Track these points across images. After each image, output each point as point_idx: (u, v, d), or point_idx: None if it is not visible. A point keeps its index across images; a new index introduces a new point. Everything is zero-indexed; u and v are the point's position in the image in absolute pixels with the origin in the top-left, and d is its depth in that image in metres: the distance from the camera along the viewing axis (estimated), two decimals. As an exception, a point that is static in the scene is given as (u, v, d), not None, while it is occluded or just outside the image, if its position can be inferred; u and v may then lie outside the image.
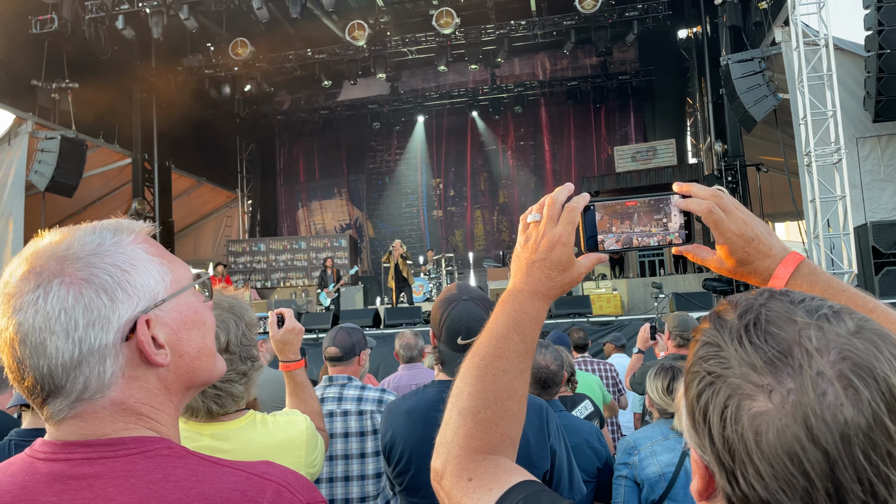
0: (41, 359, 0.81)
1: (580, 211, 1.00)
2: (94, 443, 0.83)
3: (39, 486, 0.81)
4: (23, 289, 0.82)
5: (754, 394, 0.60)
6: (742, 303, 0.68)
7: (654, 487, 2.50)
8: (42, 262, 0.83)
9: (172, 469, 0.82)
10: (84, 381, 0.82)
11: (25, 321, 0.81)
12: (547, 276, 0.99)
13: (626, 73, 18.86)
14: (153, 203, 16.69)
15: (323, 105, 20.55)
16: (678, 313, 4.11)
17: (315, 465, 1.89)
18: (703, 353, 0.66)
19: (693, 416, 0.66)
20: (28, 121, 13.26)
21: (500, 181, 20.43)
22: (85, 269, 0.83)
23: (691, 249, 1.03)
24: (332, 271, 14.36)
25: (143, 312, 0.85)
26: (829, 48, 9.94)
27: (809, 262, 0.97)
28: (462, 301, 1.99)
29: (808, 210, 10.23)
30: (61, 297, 0.81)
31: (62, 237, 0.86)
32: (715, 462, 0.63)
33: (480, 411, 0.93)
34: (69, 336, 0.81)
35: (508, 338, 0.97)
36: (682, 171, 17.21)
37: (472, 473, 0.89)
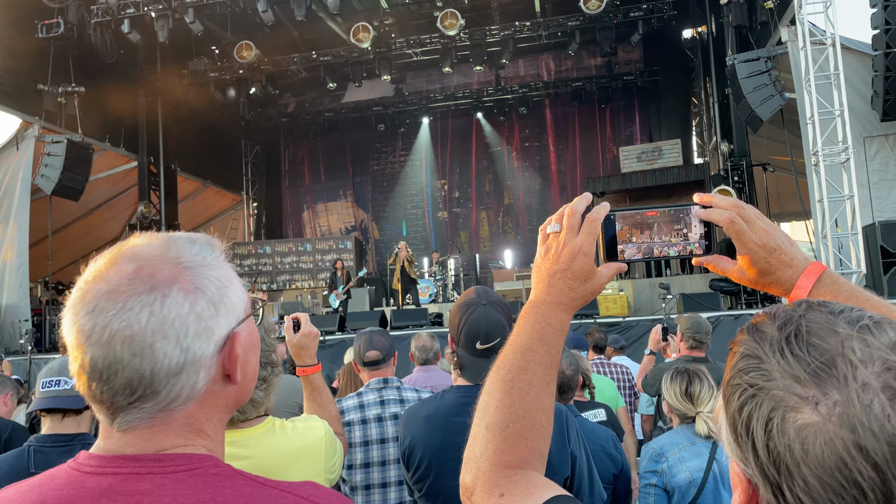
0: (146, 361, 0.80)
1: (601, 221, 1.00)
2: (143, 457, 0.82)
3: (86, 500, 0.79)
4: (134, 288, 0.81)
5: (799, 406, 0.60)
6: (781, 314, 0.67)
7: (684, 495, 2.48)
8: (154, 266, 0.83)
9: (220, 489, 0.81)
10: (179, 390, 0.82)
11: (137, 321, 0.80)
12: (569, 287, 0.99)
13: (631, 73, 18.83)
14: (159, 206, 16.73)
15: (328, 107, 20.58)
16: (691, 315, 4.09)
17: (334, 472, 1.88)
18: (743, 366, 0.66)
19: (735, 429, 0.65)
20: (34, 125, 13.31)
21: (505, 182, 20.41)
22: (199, 279, 0.84)
23: (712, 260, 1.03)
24: (342, 273, 14.36)
25: (234, 329, 0.87)
26: (836, 47, 9.91)
27: (832, 272, 0.97)
28: (481, 305, 1.98)
29: (816, 210, 10.19)
30: (178, 302, 0.82)
31: (162, 243, 0.87)
32: (759, 475, 0.62)
33: (509, 425, 0.93)
34: (179, 342, 0.81)
35: (533, 350, 0.97)
36: (687, 172, 17.17)
37: (503, 489, 0.89)
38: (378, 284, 17.78)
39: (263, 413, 1.80)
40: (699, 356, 3.94)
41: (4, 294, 12.75)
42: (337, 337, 10.96)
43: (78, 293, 0.84)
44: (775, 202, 14.89)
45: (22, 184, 12.95)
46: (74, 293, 0.84)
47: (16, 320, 12.36)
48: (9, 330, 12.47)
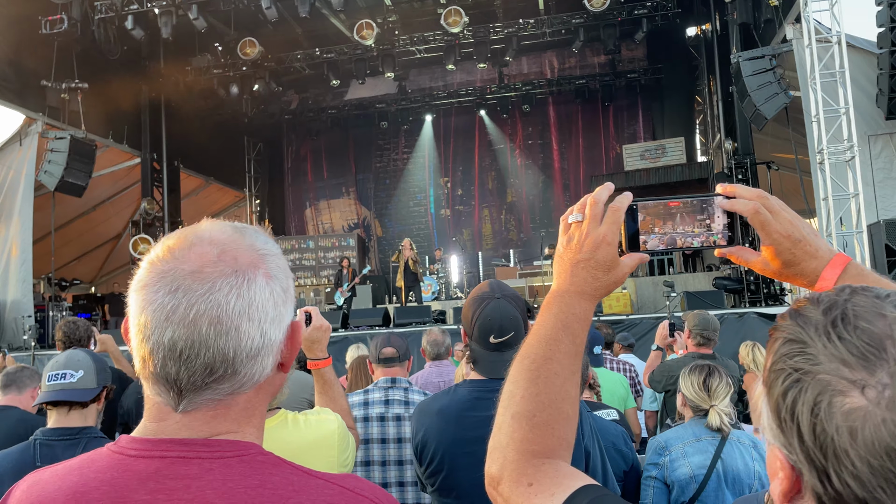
0: (230, 342, 0.81)
1: (624, 210, 1.00)
2: (191, 441, 0.82)
3: (131, 483, 0.79)
4: (220, 270, 0.83)
5: (847, 389, 0.59)
6: (825, 299, 0.66)
7: (684, 490, 2.48)
8: (237, 250, 0.85)
9: (269, 476, 0.81)
10: (253, 373, 0.84)
11: (226, 302, 0.81)
12: (593, 277, 0.98)
13: (634, 71, 18.80)
14: (162, 203, 16.73)
15: (331, 104, 20.56)
16: (698, 312, 4.08)
17: (347, 465, 1.88)
18: (786, 350, 0.65)
19: (779, 414, 0.64)
20: (38, 121, 13.31)
21: (508, 180, 20.39)
22: (274, 267, 0.88)
23: (735, 251, 1.02)
24: (348, 271, 14.35)
25: (293, 319, 0.90)
26: (842, 45, 9.88)
27: (857, 264, 0.96)
28: (495, 299, 1.97)
29: (821, 208, 10.17)
30: (262, 287, 0.84)
31: (235, 229, 0.89)
32: (804, 461, 0.61)
33: (535, 415, 0.93)
34: (260, 326, 0.84)
35: (558, 339, 0.97)
36: (691, 170, 17.15)
37: (531, 478, 0.88)
38: (381, 282, 17.78)
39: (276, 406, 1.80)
40: (706, 353, 3.93)
41: (8, 290, 12.76)
42: (340, 334, 10.95)
43: (152, 273, 0.83)
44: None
45: (25, 180, 12.95)
46: (145, 273, 0.84)
47: (19, 316, 12.37)
48: (12, 326, 12.48)
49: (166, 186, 16.96)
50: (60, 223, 14.91)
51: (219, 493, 0.78)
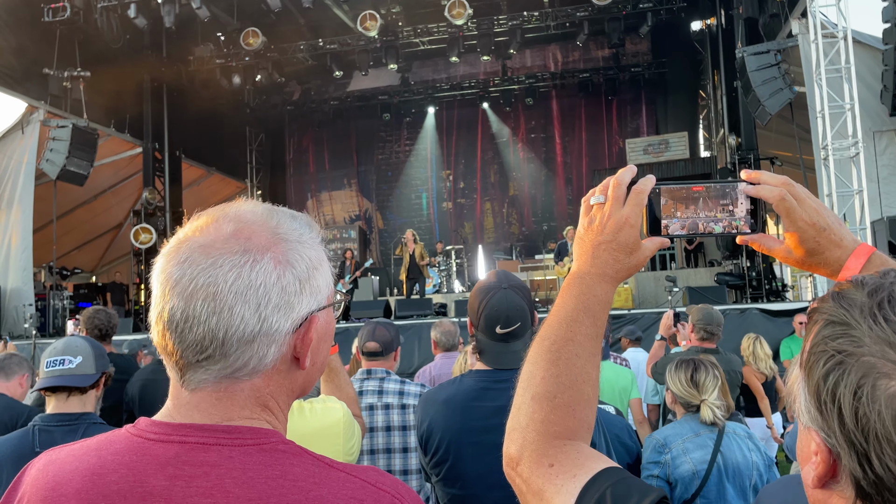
0: (222, 322, 0.79)
1: (648, 193, 0.98)
2: (211, 427, 0.80)
3: (150, 467, 0.77)
4: (229, 247, 0.81)
5: (892, 373, 0.58)
6: (869, 281, 0.65)
7: (687, 486, 2.47)
8: (253, 230, 0.84)
9: (290, 467, 0.80)
10: (247, 359, 0.81)
11: (224, 280, 0.80)
12: (614, 259, 0.97)
13: (638, 65, 18.72)
14: (163, 192, 16.70)
15: (333, 95, 20.50)
16: (703, 306, 4.07)
17: (352, 453, 1.87)
18: (829, 333, 0.63)
19: (819, 397, 0.63)
20: (40, 109, 13.28)
21: (511, 173, 20.35)
22: (291, 253, 0.84)
23: (758, 239, 1.01)
24: (350, 263, 14.35)
25: (313, 312, 0.86)
26: (848, 41, 9.84)
27: (881, 254, 0.94)
28: (501, 290, 1.96)
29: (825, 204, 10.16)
30: (267, 271, 0.81)
31: (266, 210, 0.88)
32: (845, 444, 0.60)
33: (557, 396, 0.91)
34: (258, 310, 0.80)
35: (579, 321, 0.95)
36: (694, 165, 17.12)
37: (553, 459, 0.87)
38: (382, 274, 17.78)
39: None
40: (710, 347, 3.92)
41: (9, 278, 12.76)
42: (341, 325, 10.95)
43: (174, 243, 0.84)
44: (782, 196, 14.81)
45: (26, 168, 12.94)
46: (171, 243, 0.84)
47: (20, 305, 12.38)
48: (12, 314, 12.49)
49: (168, 176, 16.93)
50: (62, 212, 14.90)
51: (238, 482, 0.76)
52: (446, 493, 1.96)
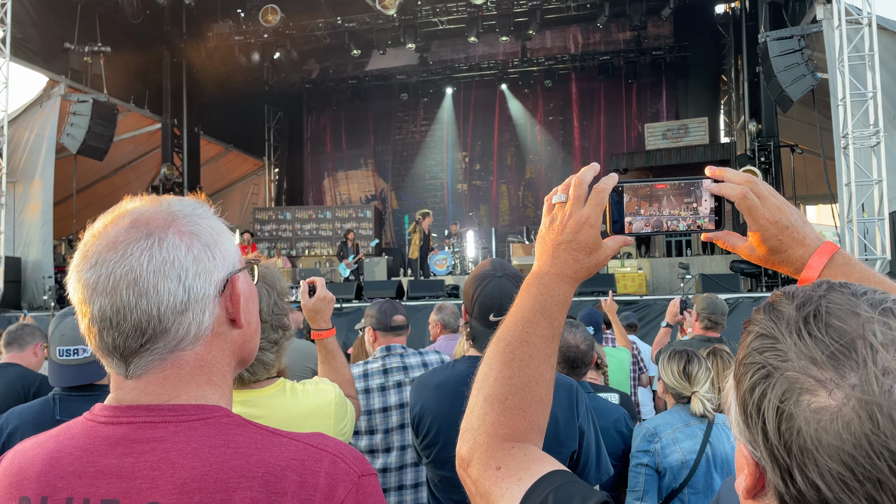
0: (152, 301, 0.84)
1: (609, 192, 0.98)
2: (158, 407, 0.85)
3: (101, 448, 0.83)
4: (131, 238, 0.86)
5: (815, 388, 0.57)
6: (800, 294, 0.65)
7: (676, 476, 2.48)
8: (148, 217, 0.88)
9: (233, 436, 0.84)
10: (187, 327, 0.86)
11: (138, 266, 0.84)
12: (574, 259, 0.97)
13: (660, 48, 18.45)
14: (182, 169, 16.84)
15: (351, 74, 20.46)
16: (707, 295, 4.05)
17: (344, 434, 1.91)
18: (757, 345, 0.63)
19: (746, 409, 0.63)
20: (60, 84, 13.38)
21: (528, 156, 20.23)
22: (193, 225, 0.90)
23: (721, 236, 1.00)
24: (352, 244, 14.42)
25: (231, 274, 0.91)
26: (872, 27, 9.65)
27: (844, 252, 0.94)
28: (496, 278, 1.98)
29: (843, 194, 10.02)
30: (175, 245, 0.86)
31: (153, 200, 0.92)
32: (768, 458, 0.60)
33: (508, 398, 0.92)
34: (181, 281, 0.85)
35: (535, 322, 0.96)
36: (713, 151, 16.91)
37: (500, 462, 0.88)
38: (396, 254, 17.82)
39: (276, 375, 1.82)
40: (714, 336, 3.92)
41: (30, 251, 12.96)
42: (354, 305, 11.04)
43: (80, 254, 0.88)
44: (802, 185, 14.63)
45: (47, 142, 13.07)
46: (76, 257, 0.89)
47: (39, 277, 12.58)
48: (32, 287, 12.70)
49: (186, 152, 17.06)
50: (82, 186, 15.06)
51: (183, 453, 0.81)
52: (437, 475, 2.00)
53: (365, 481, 0.85)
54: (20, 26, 12.53)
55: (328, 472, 0.83)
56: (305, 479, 0.82)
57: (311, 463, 0.83)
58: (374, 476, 0.88)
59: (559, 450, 1.87)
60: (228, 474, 0.80)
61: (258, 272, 1.04)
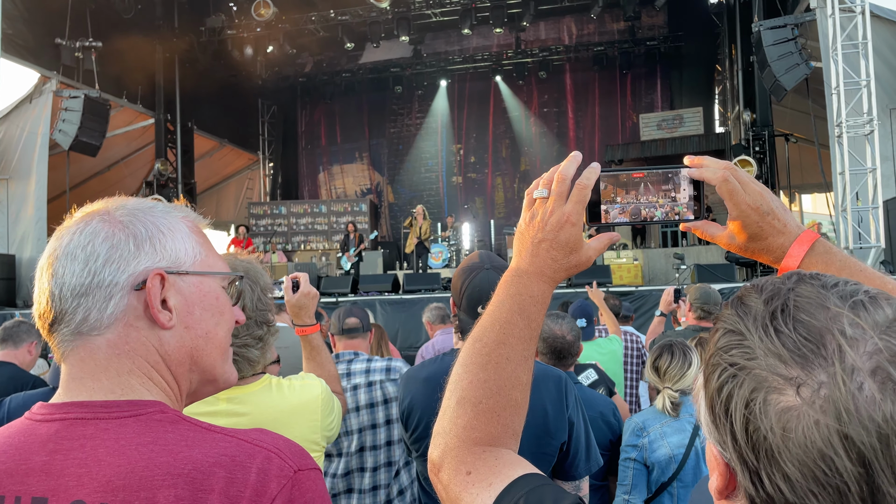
0: (56, 282, 0.87)
1: (591, 188, 0.94)
2: (91, 403, 0.85)
3: (34, 446, 0.83)
4: (71, 224, 0.91)
5: (782, 387, 0.55)
6: (768, 287, 0.62)
7: (664, 470, 2.47)
8: (96, 206, 0.93)
9: (163, 433, 0.83)
10: (85, 312, 0.86)
11: (59, 247, 0.89)
12: (552, 258, 0.93)
13: (654, 38, 18.42)
14: (176, 164, 16.77)
15: (345, 68, 20.39)
16: (700, 285, 4.04)
17: (331, 429, 1.90)
18: (724, 343, 0.61)
19: (714, 410, 0.61)
20: (52, 79, 13.30)
21: (522, 148, 20.20)
22: (126, 216, 0.91)
23: (700, 225, 0.98)
24: (354, 236, 14.39)
25: (161, 271, 0.90)
26: (866, 15, 9.63)
27: (824, 241, 0.92)
28: (484, 270, 1.97)
29: (837, 182, 10.02)
30: (95, 230, 0.88)
31: (127, 198, 0.95)
32: (737, 460, 0.59)
33: (481, 401, 0.89)
34: (87, 265, 0.87)
35: (513, 322, 0.92)
36: (708, 141, 16.91)
37: (471, 466, 0.85)
38: (392, 248, 17.80)
39: (261, 371, 1.81)
40: (707, 326, 3.91)
41: (25, 248, 12.92)
42: (350, 299, 11.02)
43: None
44: (797, 173, 14.64)
45: (40, 139, 12.99)
46: None
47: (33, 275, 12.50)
48: (26, 284, 12.65)
49: (180, 147, 16.99)
50: (75, 182, 15.01)
51: (111, 451, 0.80)
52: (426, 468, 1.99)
53: (302, 476, 0.83)
54: (10, 22, 12.44)
55: (260, 467, 0.81)
56: (234, 476, 0.79)
57: (243, 459, 0.81)
58: (315, 471, 0.85)
59: (549, 441, 1.86)
60: (153, 472, 0.79)
61: (235, 288, 1.00)
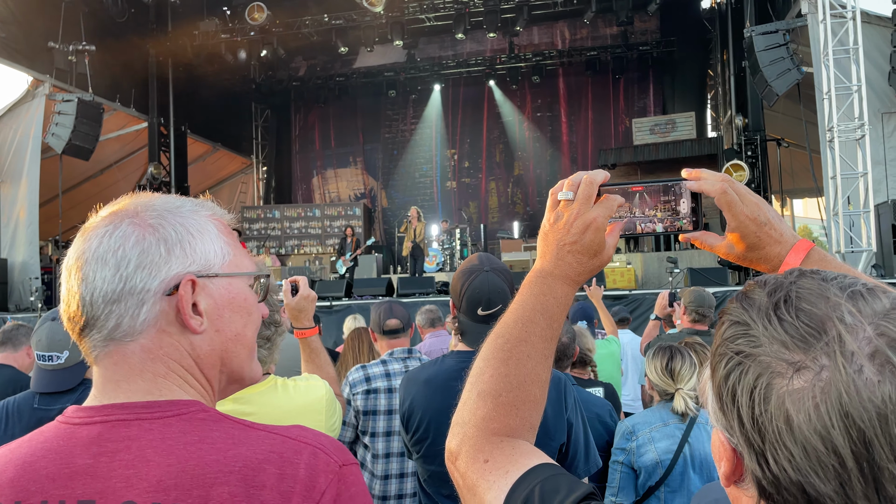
0: (87, 287, 0.85)
1: (617, 203, 0.97)
2: (131, 405, 0.84)
3: (76, 449, 0.81)
4: (97, 225, 0.88)
5: (785, 371, 0.58)
6: (771, 281, 0.66)
7: (651, 474, 2.49)
8: (123, 206, 0.90)
9: (208, 431, 0.83)
10: (117, 319, 0.85)
11: (88, 250, 0.86)
12: (577, 261, 0.96)
13: (646, 43, 18.53)
14: (169, 168, 16.74)
15: (339, 72, 20.40)
16: (695, 288, 4.08)
17: (334, 430, 1.92)
18: (730, 334, 0.64)
19: (721, 397, 0.64)
20: (45, 83, 13.27)
21: (516, 153, 20.24)
22: (155, 219, 0.88)
23: (699, 236, 1.01)
24: (351, 240, 14.38)
25: (192, 275, 0.88)
26: (857, 20, 9.71)
27: (819, 250, 0.96)
28: (483, 272, 1.99)
29: (829, 186, 10.09)
30: (125, 234, 0.86)
31: (147, 195, 0.93)
32: (744, 444, 0.61)
33: (501, 394, 0.92)
34: (118, 271, 0.85)
35: (535, 321, 0.95)
36: (700, 145, 17.00)
37: (488, 455, 0.88)
38: (386, 252, 17.80)
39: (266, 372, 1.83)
40: (702, 329, 3.94)
41: (16, 252, 12.86)
42: (344, 303, 11.02)
43: None
44: (788, 178, 14.74)
45: (33, 142, 12.95)
46: None
47: (26, 278, 12.48)
48: (19, 288, 12.60)
49: (173, 151, 16.95)
50: (68, 186, 14.95)
51: (158, 450, 0.80)
52: (426, 470, 2.01)
53: (346, 471, 0.84)
54: (3, 25, 12.41)
55: (308, 463, 0.82)
56: (285, 472, 0.81)
57: (291, 455, 0.82)
58: (356, 465, 0.87)
59: (548, 442, 1.88)
60: (205, 470, 0.79)
61: (262, 285, 0.99)
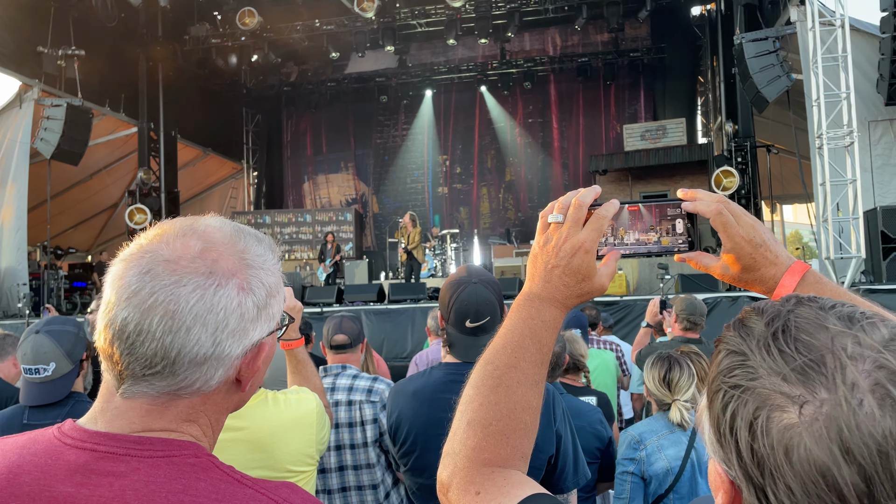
0: (177, 341, 0.79)
1: (609, 218, 0.96)
2: (124, 438, 0.80)
3: (60, 473, 0.78)
4: (195, 267, 0.81)
5: (785, 405, 0.57)
6: (769, 309, 0.64)
7: (661, 483, 2.48)
8: (220, 252, 0.84)
9: (195, 481, 0.79)
10: (194, 380, 0.82)
11: (186, 300, 0.79)
12: (565, 284, 0.94)
13: (637, 50, 18.62)
14: (159, 173, 16.66)
15: (330, 77, 20.39)
16: (686, 296, 4.08)
17: (324, 443, 1.90)
18: (727, 364, 0.63)
19: (719, 429, 0.62)
20: (34, 87, 13.19)
21: (508, 158, 20.27)
22: (254, 280, 0.85)
23: (694, 256, 1.01)
24: (331, 246, 14.34)
25: (264, 339, 0.86)
26: (845, 28, 9.78)
27: (815, 272, 0.95)
28: (471, 284, 1.97)
29: (818, 193, 10.14)
30: (230, 296, 0.82)
31: (233, 232, 0.87)
32: (743, 478, 0.60)
33: (491, 423, 0.90)
34: (215, 334, 0.81)
35: (524, 346, 0.93)
36: (691, 151, 17.07)
37: (479, 487, 0.86)
38: (377, 257, 17.77)
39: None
40: (693, 337, 3.94)
41: (3, 257, 12.75)
42: (334, 309, 10.98)
43: (136, 250, 0.83)
44: (778, 184, 14.81)
45: (21, 147, 12.86)
46: (132, 249, 0.84)
47: (13, 284, 12.38)
48: (6, 294, 12.49)
49: (163, 156, 16.87)
50: (57, 191, 14.86)
51: (139, 494, 0.76)
52: (414, 483, 1.99)
53: None
54: (-8, 30, 12.35)
55: None
56: None
57: None
58: None
59: (537, 455, 1.87)
60: None
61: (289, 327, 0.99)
